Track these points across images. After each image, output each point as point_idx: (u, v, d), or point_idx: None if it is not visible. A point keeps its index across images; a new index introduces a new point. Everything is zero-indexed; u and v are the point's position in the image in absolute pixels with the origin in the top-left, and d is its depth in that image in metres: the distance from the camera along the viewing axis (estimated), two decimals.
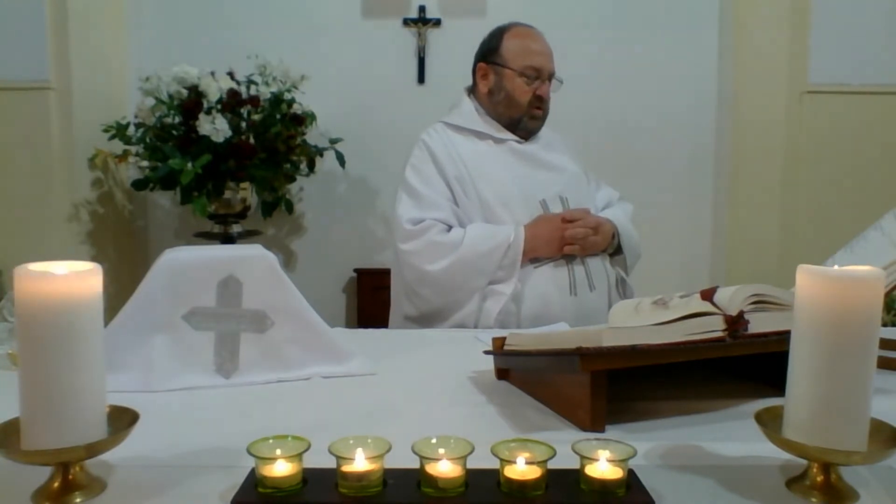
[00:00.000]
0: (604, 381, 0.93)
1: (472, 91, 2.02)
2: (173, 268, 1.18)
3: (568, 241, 1.78)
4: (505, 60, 1.91)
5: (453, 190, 1.86)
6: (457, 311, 1.78)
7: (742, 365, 1.15)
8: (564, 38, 2.16)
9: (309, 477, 0.73)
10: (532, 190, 1.87)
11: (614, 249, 1.92)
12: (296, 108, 2.81)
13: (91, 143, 2.78)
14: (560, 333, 1.21)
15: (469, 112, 1.97)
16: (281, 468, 0.72)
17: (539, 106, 1.92)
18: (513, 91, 1.90)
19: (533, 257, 1.79)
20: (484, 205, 1.84)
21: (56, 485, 0.73)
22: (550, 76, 1.93)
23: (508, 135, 1.94)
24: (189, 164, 2.55)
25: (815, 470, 0.75)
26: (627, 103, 3.17)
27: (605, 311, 1.77)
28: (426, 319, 1.83)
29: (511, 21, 1.99)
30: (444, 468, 0.71)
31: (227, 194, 2.79)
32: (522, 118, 1.92)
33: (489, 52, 1.95)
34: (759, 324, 0.98)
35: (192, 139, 2.61)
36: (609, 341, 0.92)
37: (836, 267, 0.75)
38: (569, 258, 1.81)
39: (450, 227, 1.81)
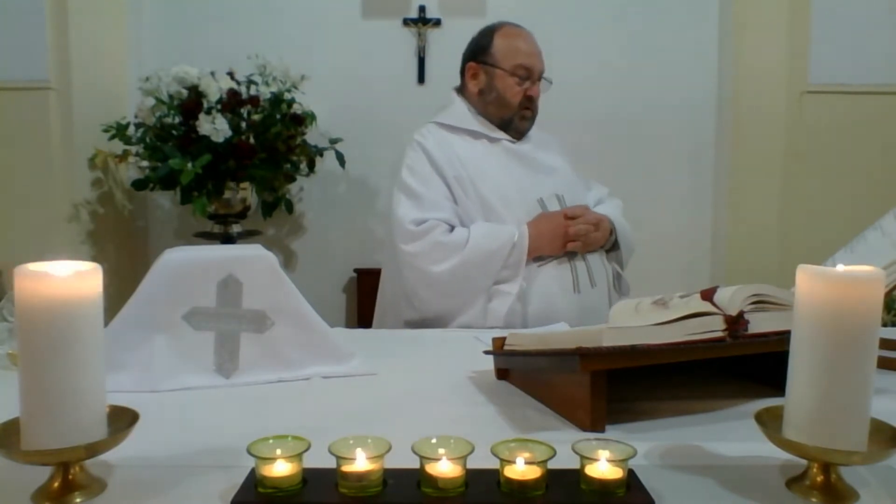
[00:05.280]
0: (604, 381, 0.93)
1: (460, 91, 2.01)
2: (173, 268, 1.18)
3: (571, 237, 1.79)
4: (496, 60, 1.91)
5: (452, 190, 1.85)
6: (461, 315, 1.76)
7: (742, 365, 1.15)
8: (563, 38, 2.16)
9: (309, 477, 0.73)
10: (529, 189, 1.87)
11: (610, 245, 1.93)
12: (296, 108, 2.81)
13: (91, 143, 2.78)
14: (560, 333, 1.21)
15: (462, 112, 1.97)
16: (281, 468, 0.72)
17: (528, 106, 1.93)
18: (504, 91, 1.91)
19: (537, 255, 1.79)
20: (484, 204, 1.84)
21: (56, 485, 0.73)
22: (540, 76, 1.93)
23: (502, 134, 1.95)
24: (189, 164, 2.55)
25: (815, 470, 0.75)
26: (627, 103, 3.17)
27: (606, 307, 1.77)
28: (429, 323, 1.78)
29: (500, 20, 1.98)
30: (444, 468, 0.71)
31: (227, 194, 2.79)
32: (513, 118, 1.93)
33: (479, 52, 1.95)
34: (759, 324, 0.98)
35: (192, 139, 2.61)
36: (609, 341, 0.91)
37: (836, 267, 0.75)
38: (570, 256, 1.81)
39: (452, 227, 1.80)
